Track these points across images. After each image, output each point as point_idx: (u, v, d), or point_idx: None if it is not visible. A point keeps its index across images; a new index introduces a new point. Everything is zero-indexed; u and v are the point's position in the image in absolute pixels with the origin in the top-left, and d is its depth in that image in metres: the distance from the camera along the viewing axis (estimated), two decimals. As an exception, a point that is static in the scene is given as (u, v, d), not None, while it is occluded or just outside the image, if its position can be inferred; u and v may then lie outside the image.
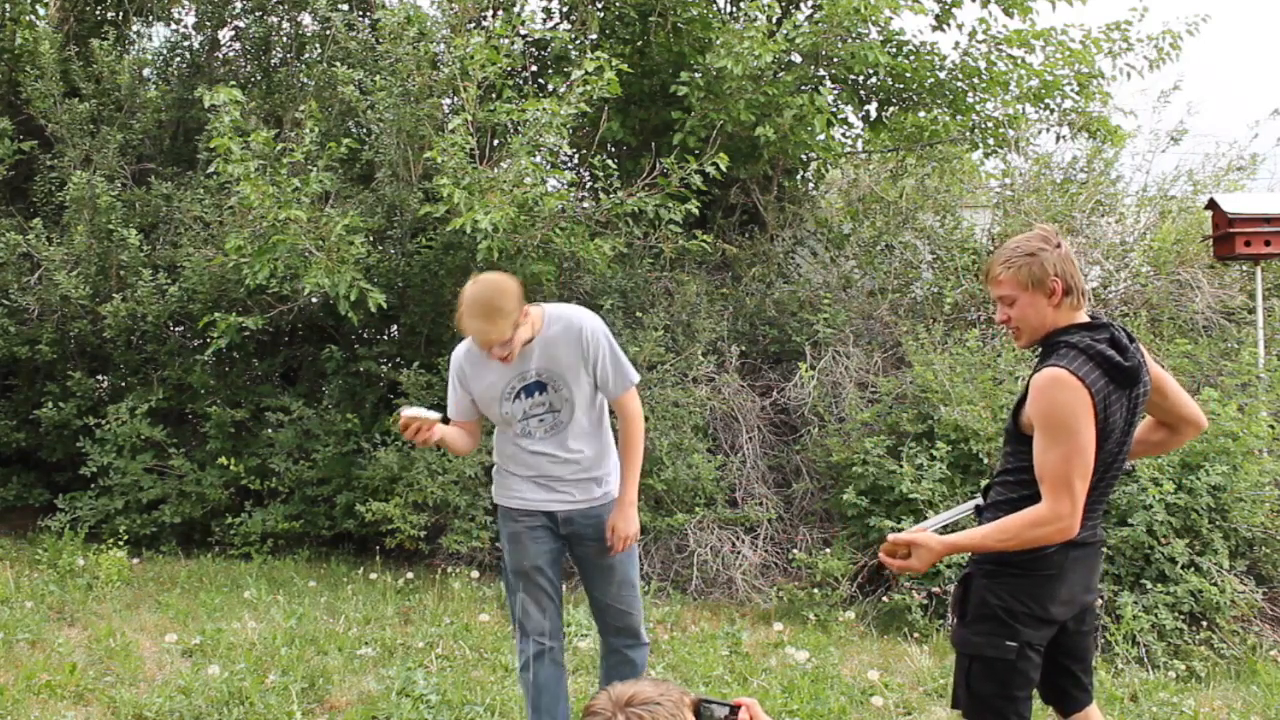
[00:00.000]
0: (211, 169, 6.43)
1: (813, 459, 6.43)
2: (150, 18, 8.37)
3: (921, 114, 8.09)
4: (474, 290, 3.05)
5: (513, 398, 3.23)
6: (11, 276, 6.91)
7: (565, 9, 7.96)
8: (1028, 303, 2.54)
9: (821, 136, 7.11)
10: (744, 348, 6.98)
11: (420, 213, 6.13)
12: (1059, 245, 2.54)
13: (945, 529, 2.68)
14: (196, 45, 8.32)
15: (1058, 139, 7.98)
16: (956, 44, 7.67)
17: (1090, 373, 2.42)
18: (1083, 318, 2.56)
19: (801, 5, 7.84)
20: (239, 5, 8.24)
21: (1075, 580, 2.57)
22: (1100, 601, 4.71)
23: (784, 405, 6.77)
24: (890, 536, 2.60)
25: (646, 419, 6.08)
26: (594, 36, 7.31)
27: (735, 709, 1.90)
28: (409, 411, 3.10)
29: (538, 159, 6.12)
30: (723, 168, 6.25)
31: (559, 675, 3.29)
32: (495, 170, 6.10)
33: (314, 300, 6.61)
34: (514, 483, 3.29)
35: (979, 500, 2.75)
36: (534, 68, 7.40)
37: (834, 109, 7.52)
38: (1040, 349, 2.60)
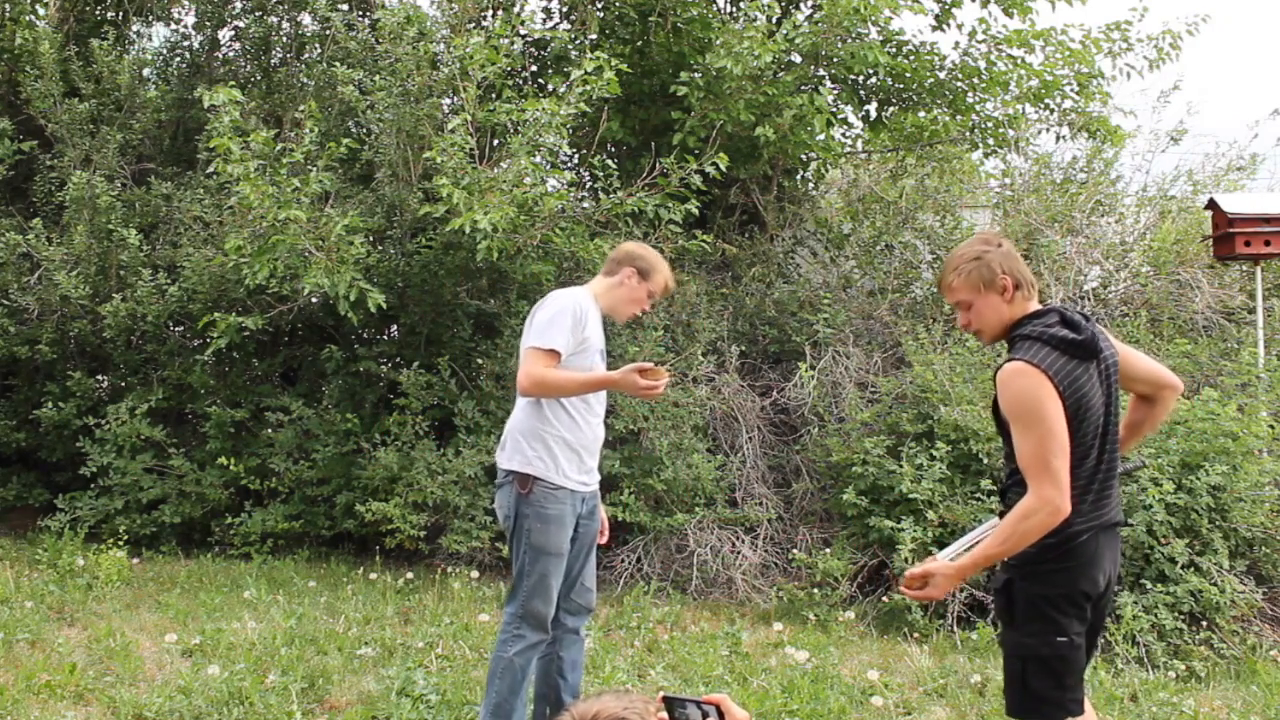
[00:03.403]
0: (211, 169, 6.43)
1: (813, 459, 6.43)
2: (150, 18, 8.38)
3: (921, 114, 8.08)
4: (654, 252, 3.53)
5: (599, 355, 3.41)
6: (11, 276, 6.92)
7: (565, 9, 7.96)
8: (984, 304, 2.66)
9: (821, 136, 7.11)
10: (744, 348, 6.98)
11: (420, 213, 6.13)
12: (1000, 244, 2.68)
13: (969, 549, 2.70)
14: (196, 45, 8.32)
15: (1058, 139, 7.99)
16: (956, 44, 7.67)
17: (1046, 356, 2.52)
18: (1034, 307, 2.68)
19: (801, 5, 7.84)
20: (239, 5, 8.24)
21: (1106, 560, 2.67)
22: (1113, 595, 4.71)
23: (784, 405, 6.77)
24: (907, 572, 2.67)
25: (646, 418, 6.13)
26: (594, 36, 7.30)
27: (706, 709, 1.82)
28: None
29: (537, 159, 6.12)
30: (722, 168, 6.25)
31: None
32: (495, 170, 6.10)
33: (314, 300, 6.61)
34: (565, 463, 3.31)
35: (996, 520, 2.79)
36: (534, 68, 7.40)
37: (834, 109, 7.52)
38: (1006, 345, 2.71)
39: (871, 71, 7.52)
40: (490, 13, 7.22)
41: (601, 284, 3.48)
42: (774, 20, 6.92)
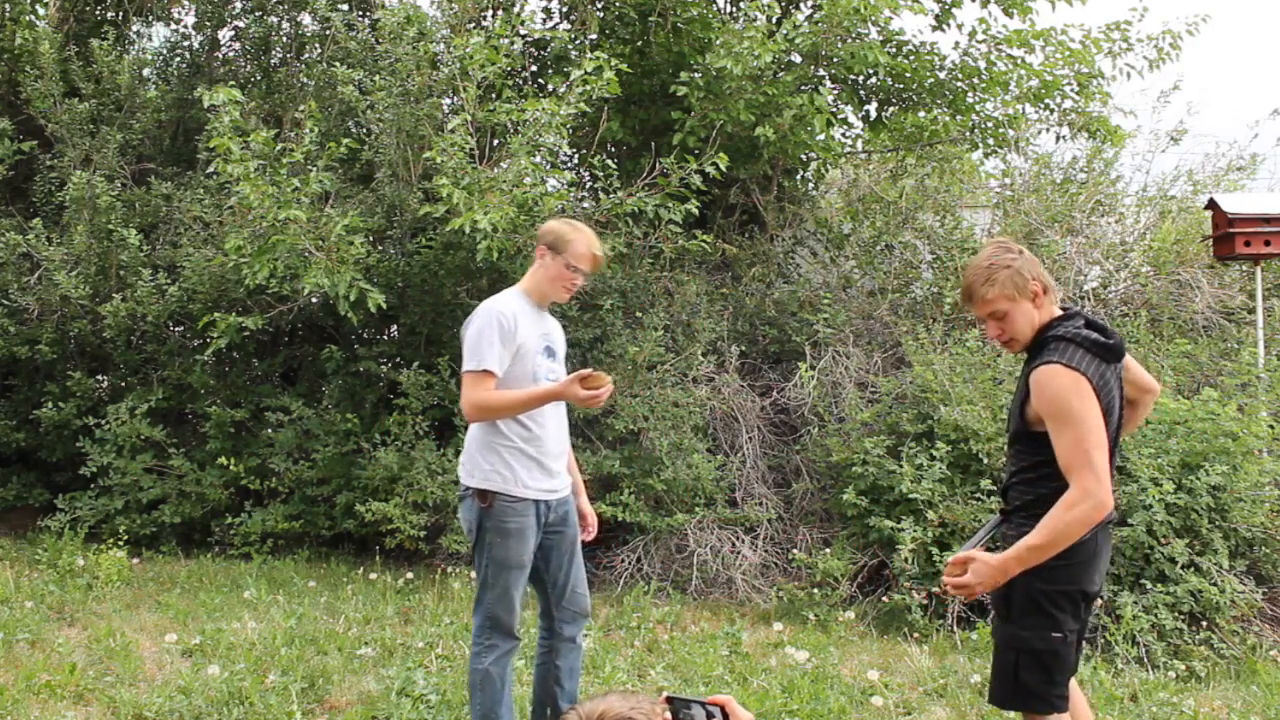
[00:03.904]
0: (211, 169, 6.43)
1: (813, 459, 6.43)
2: (150, 18, 8.38)
3: (921, 114, 8.08)
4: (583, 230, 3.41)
5: (543, 354, 3.32)
6: (11, 276, 6.92)
7: (565, 9, 7.96)
8: (1018, 312, 2.67)
9: (821, 136, 7.10)
10: (744, 348, 6.98)
11: (420, 213, 6.13)
12: (1021, 251, 2.70)
13: (985, 548, 2.70)
14: (196, 45, 8.32)
15: (1058, 139, 7.99)
16: (956, 44, 7.67)
17: (1083, 359, 2.55)
18: (1058, 311, 2.70)
19: (801, 5, 7.84)
20: (239, 5, 8.24)
21: (1104, 559, 2.69)
22: (1100, 601, 4.73)
23: (784, 405, 6.77)
24: (950, 559, 2.65)
25: (646, 418, 6.12)
26: (594, 36, 7.31)
27: (711, 710, 1.79)
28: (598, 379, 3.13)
29: (537, 159, 6.12)
30: (722, 168, 6.25)
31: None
32: (495, 170, 6.10)
33: (314, 300, 6.61)
34: (523, 474, 3.26)
35: (999, 518, 2.83)
36: (534, 68, 7.40)
37: (834, 109, 7.52)
38: (1029, 349, 2.72)
39: (871, 71, 7.51)
40: (490, 13, 7.22)
41: (527, 274, 3.41)
42: (774, 20, 6.92)
